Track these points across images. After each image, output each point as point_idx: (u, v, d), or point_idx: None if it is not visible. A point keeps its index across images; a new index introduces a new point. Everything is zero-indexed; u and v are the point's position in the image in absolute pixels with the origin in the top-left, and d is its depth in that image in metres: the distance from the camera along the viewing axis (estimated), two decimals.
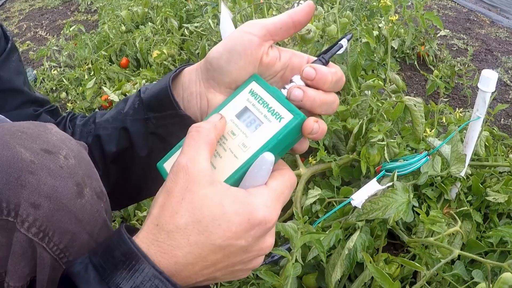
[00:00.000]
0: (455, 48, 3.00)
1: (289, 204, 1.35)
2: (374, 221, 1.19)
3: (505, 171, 1.57)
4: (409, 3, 1.73)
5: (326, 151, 1.38)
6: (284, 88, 0.56)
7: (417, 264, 0.92)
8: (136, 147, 0.72)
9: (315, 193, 1.18)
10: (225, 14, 1.41)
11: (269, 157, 0.51)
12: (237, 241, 0.50)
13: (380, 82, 1.40)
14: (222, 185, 0.51)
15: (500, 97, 2.51)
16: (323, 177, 1.40)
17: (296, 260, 0.93)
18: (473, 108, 1.25)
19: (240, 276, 0.58)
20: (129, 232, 0.51)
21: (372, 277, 1.09)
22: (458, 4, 3.86)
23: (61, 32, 3.83)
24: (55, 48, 2.88)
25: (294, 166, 1.40)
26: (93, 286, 0.49)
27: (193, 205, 0.49)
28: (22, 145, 0.53)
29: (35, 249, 0.53)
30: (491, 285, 0.92)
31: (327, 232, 1.02)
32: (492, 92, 1.21)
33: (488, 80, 1.18)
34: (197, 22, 2.49)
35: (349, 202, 1.04)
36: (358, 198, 1.03)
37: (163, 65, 2.17)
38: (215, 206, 0.49)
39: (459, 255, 1.07)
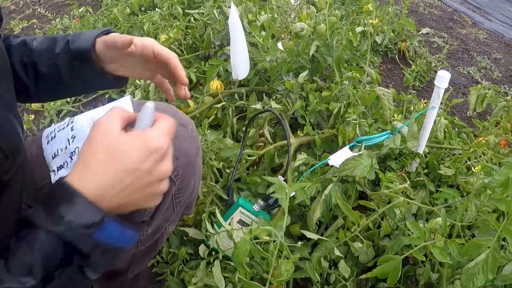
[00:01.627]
0: (435, 46, 3.45)
1: (280, 167, 1.79)
2: (347, 184, 1.63)
3: (460, 153, 2.01)
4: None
5: (311, 127, 1.81)
6: None
7: (371, 203, 1.35)
8: (62, 75, 1.07)
9: (302, 157, 1.61)
10: (234, 11, 1.81)
11: (150, 104, 0.75)
12: (141, 165, 0.71)
13: (358, 74, 1.83)
14: (125, 132, 0.74)
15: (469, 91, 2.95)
16: (308, 147, 1.84)
17: (284, 212, 1.34)
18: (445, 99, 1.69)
19: (154, 201, 0.79)
20: None
21: (344, 219, 1.52)
22: (444, 3, 4.30)
23: (60, 10, 4.15)
24: (59, 27, 3.24)
25: (284, 138, 1.83)
26: (42, 219, 0.68)
27: (106, 145, 0.71)
28: None
29: (171, 185, 0.99)
30: (426, 225, 1.35)
31: (309, 184, 1.45)
32: (446, 88, 1.64)
33: (442, 78, 1.60)
34: (199, 8, 2.89)
35: (327, 162, 1.47)
36: (334, 159, 1.46)
37: (170, 48, 2.56)
38: (122, 143, 0.71)
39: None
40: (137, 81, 2.26)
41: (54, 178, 1.02)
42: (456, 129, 2.22)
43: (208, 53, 2.50)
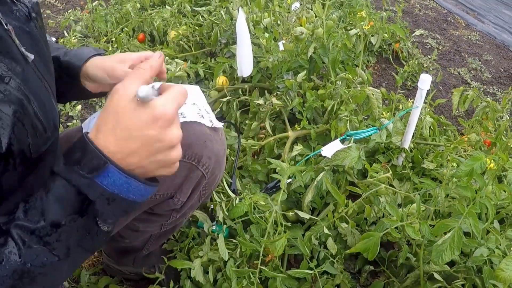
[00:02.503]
0: (428, 47, 3.66)
1: (279, 157, 2.01)
2: (338, 174, 1.84)
3: (443, 149, 2.23)
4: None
5: (307, 122, 2.03)
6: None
7: (356, 188, 1.57)
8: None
9: (298, 148, 1.83)
10: (241, 15, 2.02)
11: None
12: (148, 131, 0.74)
13: (351, 74, 2.05)
14: (136, 100, 0.75)
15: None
16: (304, 140, 2.06)
17: (282, 189, 1.56)
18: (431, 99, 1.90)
19: (169, 169, 0.81)
20: None
21: (335, 206, 1.74)
22: (439, 5, 4.49)
23: (70, 0, 4.33)
24: (72, 18, 3.43)
25: (283, 131, 2.05)
26: (59, 168, 0.75)
27: (115, 112, 0.75)
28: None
29: (202, 179, 1.25)
30: (404, 210, 1.57)
31: (304, 172, 1.67)
32: (427, 90, 1.85)
33: (425, 81, 1.82)
34: (205, 6, 3.10)
35: (320, 152, 1.69)
36: (326, 151, 1.68)
37: (179, 44, 2.78)
38: (129, 111, 0.74)
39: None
40: None
41: None
42: (443, 127, 2.43)
43: (215, 50, 2.71)
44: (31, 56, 0.87)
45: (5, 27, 0.82)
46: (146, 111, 0.74)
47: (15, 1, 0.90)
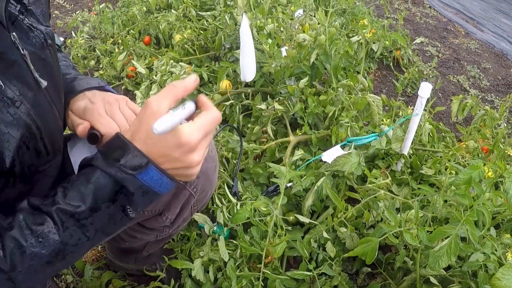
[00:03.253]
0: (428, 54, 3.67)
1: (280, 160, 2.01)
2: (338, 178, 1.85)
3: (441, 156, 2.23)
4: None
5: (309, 127, 2.03)
6: None
7: (356, 194, 1.57)
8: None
9: (299, 153, 1.84)
10: (245, 21, 2.03)
11: (191, 106, 0.83)
12: (171, 152, 0.82)
13: (352, 81, 2.05)
14: None
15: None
16: (305, 145, 2.07)
17: (284, 195, 1.57)
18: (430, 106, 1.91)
19: (188, 178, 0.90)
20: None
21: (334, 209, 1.74)
22: (439, 13, 4.50)
23: (78, 1, 4.34)
24: (79, 19, 3.45)
25: (285, 135, 2.06)
26: (100, 161, 0.83)
27: (148, 128, 0.80)
28: None
29: (190, 198, 1.24)
30: (403, 215, 1.57)
31: (304, 177, 1.68)
32: (427, 98, 1.86)
33: (425, 89, 1.82)
34: (210, 11, 3.11)
35: (321, 157, 1.69)
36: (327, 156, 1.68)
37: (184, 48, 2.79)
38: None
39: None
40: (154, 76, 2.47)
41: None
42: (442, 134, 2.44)
43: (219, 54, 2.72)
44: (44, 83, 0.90)
45: (22, 51, 0.85)
46: (173, 136, 0.81)
47: (32, 28, 0.92)
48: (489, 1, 5.21)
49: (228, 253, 1.58)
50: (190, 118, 0.86)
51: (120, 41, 3.03)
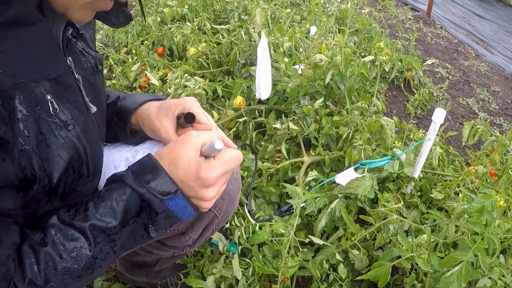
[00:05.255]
0: (438, 76, 3.72)
1: (293, 180, 2.06)
2: (349, 200, 1.90)
3: (451, 180, 2.28)
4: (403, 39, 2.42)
5: (322, 147, 2.08)
6: None
7: (370, 218, 1.62)
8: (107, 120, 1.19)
9: (313, 174, 1.89)
10: (263, 40, 2.08)
11: (219, 146, 0.88)
12: (189, 181, 0.89)
13: (365, 103, 2.11)
14: (197, 152, 0.91)
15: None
16: (318, 165, 2.12)
17: (296, 214, 1.62)
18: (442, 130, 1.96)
19: (202, 207, 0.95)
20: None
21: (345, 230, 1.79)
22: (450, 34, 4.57)
23: None
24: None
25: (297, 153, 2.11)
26: (131, 179, 0.89)
27: (177, 154, 0.90)
28: None
29: (214, 219, 1.29)
30: (414, 240, 1.62)
31: (318, 198, 1.73)
32: (441, 124, 1.91)
33: (439, 115, 1.87)
34: (224, 24, 3.18)
35: (334, 180, 1.74)
36: (340, 178, 1.73)
37: (198, 61, 2.85)
38: (186, 159, 0.89)
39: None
40: (168, 90, 2.52)
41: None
42: (451, 157, 2.49)
43: (233, 69, 2.77)
44: (94, 108, 0.96)
45: (76, 76, 0.89)
46: (196, 167, 0.89)
47: (84, 53, 0.97)
48: (499, 23, 5.28)
49: (241, 271, 1.63)
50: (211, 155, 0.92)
51: (134, 51, 3.09)
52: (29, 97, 0.77)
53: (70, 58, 0.88)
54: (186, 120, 1.07)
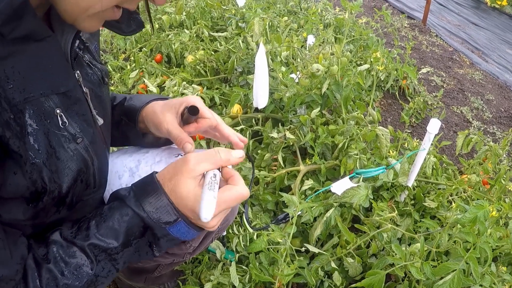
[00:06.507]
0: (433, 84, 3.78)
1: (289, 188, 2.10)
2: (344, 208, 1.94)
3: (444, 188, 2.33)
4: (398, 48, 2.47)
5: (318, 156, 2.13)
6: None
7: (364, 227, 1.66)
8: (113, 122, 1.22)
9: (309, 183, 1.93)
10: (261, 50, 2.13)
11: (218, 174, 0.89)
12: (192, 208, 0.88)
13: (361, 111, 2.16)
14: (196, 182, 0.89)
15: (460, 131, 3.28)
16: (314, 173, 2.17)
17: (292, 223, 1.66)
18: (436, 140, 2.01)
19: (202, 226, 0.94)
20: None
21: (339, 238, 1.83)
22: (446, 42, 4.63)
23: None
24: None
25: (293, 161, 2.16)
26: (132, 201, 0.90)
27: (177, 182, 0.89)
28: None
29: (210, 233, 1.30)
30: (407, 248, 1.67)
31: (314, 206, 1.77)
32: (436, 134, 1.95)
33: (434, 126, 1.92)
34: (222, 31, 3.22)
35: (330, 189, 1.79)
36: (336, 187, 1.78)
37: (195, 69, 2.89)
38: (187, 187, 0.88)
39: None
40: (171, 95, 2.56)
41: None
42: (445, 166, 2.54)
43: (230, 77, 2.82)
44: (101, 121, 0.99)
45: (83, 89, 0.92)
46: (193, 202, 0.88)
47: (91, 65, 0.99)
48: (495, 31, 5.35)
49: (238, 278, 1.67)
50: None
51: (132, 57, 3.13)
52: (39, 111, 0.79)
53: (78, 71, 0.91)
54: (190, 113, 1.07)
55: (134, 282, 1.80)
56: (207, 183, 0.86)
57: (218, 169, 0.92)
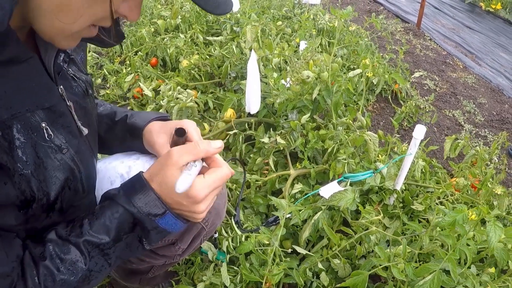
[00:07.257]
0: (426, 88, 3.87)
1: (280, 191, 2.19)
2: (334, 211, 2.03)
3: (432, 191, 2.41)
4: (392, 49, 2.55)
5: (309, 160, 2.22)
6: None
7: (350, 229, 1.75)
8: (115, 142, 1.37)
9: (298, 186, 2.02)
10: (253, 56, 2.21)
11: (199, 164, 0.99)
12: (181, 200, 0.96)
13: (351, 116, 2.24)
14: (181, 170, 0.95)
15: (452, 134, 3.36)
16: (304, 177, 2.25)
17: (281, 226, 1.75)
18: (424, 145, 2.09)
19: (194, 220, 1.04)
20: None
21: (328, 240, 1.92)
22: (439, 46, 4.71)
23: None
24: None
25: (285, 165, 2.24)
26: (122, 199, 0.96)
27: (164, 175, 0.96)
28: None
29: (202, 230, 1.41)
30: (392, 250, 1.75)
31: (302, 210, 1.86)
32: (421, 140, 2.04)
33: (419, 132, 2.00)
34: (216, 35, 3.31)
35: (318, 192, 1.88)
36: (324, 191, 1.87)
37: (190, 73, 2.98)
38: (174, 180, 0.94)
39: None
40: (161, 102, 2.65)
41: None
42: (435, 169, 2.62)
43: (224, 82, 2.91)
44: (86, 131, 1.06)
45: (67, 103, 1.00)
46: None
47: (75, 78, 1.07)
48: (489, 34, 5.44)
49: (229, 278, 1.76)
50: (200, 172, 1.01)
51: (128, 61, 3.22)
52: (26, 126, 0.86)
53: (61, 86, 0.97)
54: (176, 134, 1.14)
55: (130, 283, 1.88)
56: (187, 168, 0.96)
57: (202, 160, 1.02)
